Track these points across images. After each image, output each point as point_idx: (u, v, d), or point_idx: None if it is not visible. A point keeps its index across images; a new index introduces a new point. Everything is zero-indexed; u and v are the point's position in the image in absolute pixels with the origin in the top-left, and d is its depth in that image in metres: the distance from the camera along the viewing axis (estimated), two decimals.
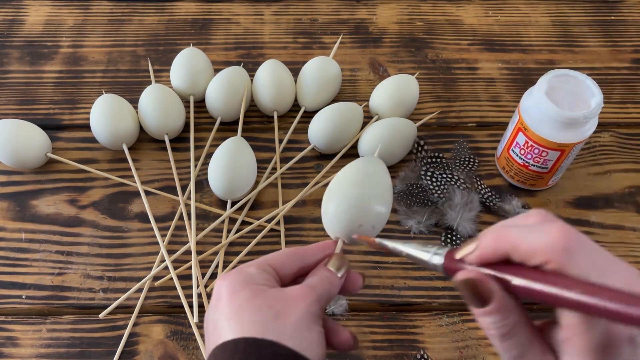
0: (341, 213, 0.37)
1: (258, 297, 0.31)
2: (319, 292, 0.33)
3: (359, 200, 0.37)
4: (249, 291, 0.31)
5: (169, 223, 0.54)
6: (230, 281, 0.32)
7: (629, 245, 0.54)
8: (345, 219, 0.37)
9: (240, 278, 0.32)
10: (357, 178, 0.38)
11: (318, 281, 0.34)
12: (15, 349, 0.48)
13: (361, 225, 0.37)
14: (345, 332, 0.35)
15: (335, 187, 0.38)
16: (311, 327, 0.31)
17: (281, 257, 0.35)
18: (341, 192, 0.37)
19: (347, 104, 0.58)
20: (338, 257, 0.36)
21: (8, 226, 0.54)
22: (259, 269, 0.33)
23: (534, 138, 0.51)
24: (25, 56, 0.67)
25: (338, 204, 0.37)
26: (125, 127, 0.57)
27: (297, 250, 0.36)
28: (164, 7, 0.73)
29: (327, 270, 0.35)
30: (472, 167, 0.58)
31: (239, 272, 0.33)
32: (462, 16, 0.73)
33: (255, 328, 0.30)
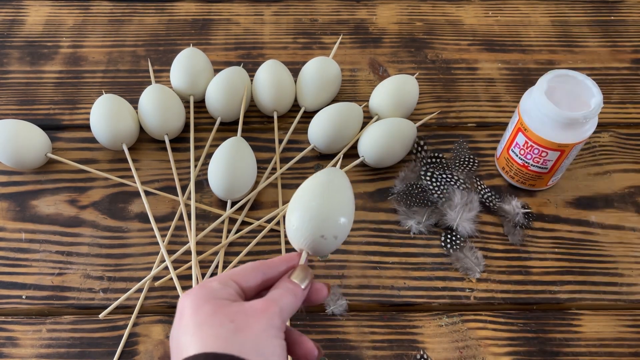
0: (303, 224, 0.37)
1: (220, 311, 0.31)
2: (281, 305, 0.33)
3: (321, 211, 0.37)
4: (211, 306, 0.32)
5: (169, 223, 0.54)
6: (193, 297, 0.32)
7: (629, 245, 0.54)
8: (308, 230, 0.37)
9: (203, 293, 0.33)
10: (318, 190, 0.38)
11: (280, 294, 0.34)
12: (15, 349, 0.48)
13: (323, 235, 0.37)
14: (309, 343, 0.35)
15: (297, 198, 0.38)
16: (272, 340, 0.32)
17: (244, 271, 0.35)
18: (303, 203, 0.38)
19: (347, 104, 0.58)
20: (302, 269, 0.36)
21: (8, 226, 0.54)
22: (222, 283, 0.34)
23: (534, 138, 0.51)
24: (25, 56, 0.67)
25: (300, 215, 0.37)
26: (126, 127, 0.57)
27: (260, 263, 0.36)
28: (164, 7, 0.73)
29: (290, 282, 0.35)
30: (472, 168, 0.58)
31: (201, 287, 0.33)
32: (462, 16, 0.73)
33: (217, 343, 0.30)
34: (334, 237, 0.37)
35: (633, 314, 0.50)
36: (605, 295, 0.51)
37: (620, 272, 0.52)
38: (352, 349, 0.48)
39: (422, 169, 0.57)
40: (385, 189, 0.57)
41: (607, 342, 0.49)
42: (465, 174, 0.57)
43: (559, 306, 0.51)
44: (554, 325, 0.50)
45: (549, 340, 0.49)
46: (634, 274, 0.52)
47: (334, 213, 0.37)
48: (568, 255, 0.53)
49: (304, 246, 0.37)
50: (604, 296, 0.51)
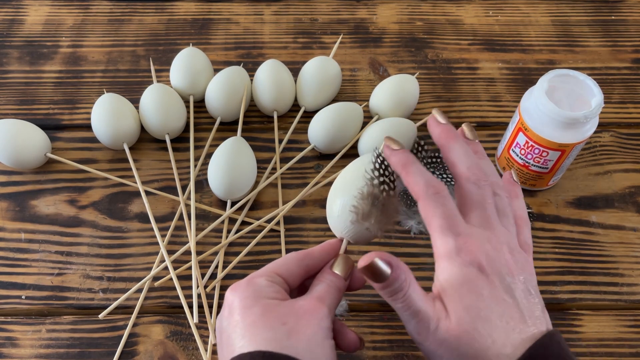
0: (347, 212, 0.36)
1: (270, 313, 0.32)
2: (328, 303, 0.33)
3: None
4: (261, 307, 0.32)
5: (168, 223, 0.54)
6: (242, 294, 0.33)
7: (629, 245, 0.54)
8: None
9: (251, 292, 0.33)
10: (363, 175, 0.37)
11: (326, 290, 0.34)
12: (14, 349, 0.48)
13: (368, 228, 0.36)
14: (352, 334, 0.36)
15: (340, 185, 0.38)
16: (324, 342, 0.32)
17: (288, 264, 0.35)
18: (347, 190, 0.37)
19: (347, 104, 0.58)
20: (343, 259, 0.36)
21: (7, 226, 0.54)
22: (269, 280, 0.34)
23: (535, 138, 0.51)
24: (25, 56, 0.67)
25: (344, 202, 0.37)
26: (127, 127, 0.57)
27: (303, 254, 0.36)
28: (164, 7, 0.73)
29: (333, 274, 0.35)
30: None
31: (249, 284, 0.33)
32: (462, 16, 0.72)
33: (270, 345, 0.30)
34: (378, 229, 0.37)
35: (634, 314, 0.50)
36: (605, 296, 0.51)
37: (621, 272, 0.52)
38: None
39: None
40: None
41: (608, 342, 0.49)
42: None
43: (559, 306, 0.51)
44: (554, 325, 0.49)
45: None
46: (635, 274, 0.52)
47: None
48: (568, 255, 0.53)
49: (345, 235, 0.37)
50: (605, 296, 0.51)
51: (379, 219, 0.36)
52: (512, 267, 0.34)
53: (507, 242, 0.35)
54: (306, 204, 0.56)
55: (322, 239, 0.54)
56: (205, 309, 0.49)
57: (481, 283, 0.32)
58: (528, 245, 0.37)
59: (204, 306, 0.49)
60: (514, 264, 0.34)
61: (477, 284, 0.32)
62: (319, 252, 0.36)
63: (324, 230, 0.55)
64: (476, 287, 0.32)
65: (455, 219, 0.34)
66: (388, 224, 0.37)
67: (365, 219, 0.36)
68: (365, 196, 0.36)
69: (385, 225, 0.37)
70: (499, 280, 0.33)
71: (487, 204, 0.35)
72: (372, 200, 0.36)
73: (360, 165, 0.38)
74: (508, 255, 0.34)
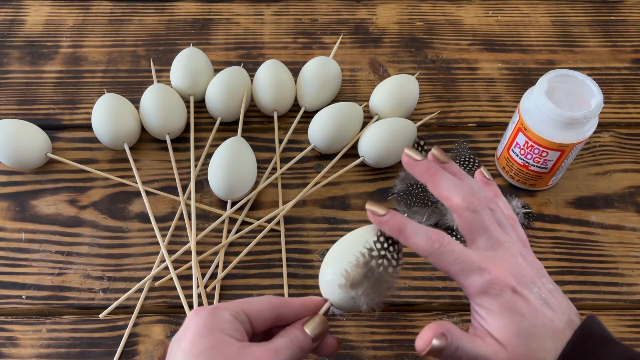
0: (339, 275, 0.35)
1: (219, 349, 0.31)
2: (281, 357, 0.32)
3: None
4: (212, 340, 0.31)
5: (169, 223, 0.54)
6: (200, 321, 0.32)
7: (629, 245, 0.54)
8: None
9: (210, 322, 0.32)
10: (363, 244, 0.36)
11: (286, 345, 0.33)
12: (15, 349, 0.48)
13: (354, 298, 0.35)
14: (329, 338, 0.35)
15: (338, 251, 0.37)
16: None
17: (259, 307, 0.34)
18: (345, 254, 0.36)
19: (347, 104, 0.58)
20: (319, 320, 0.35)
21: (8, 226, 0.54)
22: (233, 315, 0.33)
23: (534, 138, 0.51)
24: (25, 56, 0.67)
25: (338, 270, 0.35)
26: (127, 127, 0.57)
27: (279, 301, 0.35)
28: (164, 7, 0.73)
29: (301, 331, 0.34)
30: (472, 167, 0.58)
31: (212, 313, 0.32)
32: (462, 16, 0.73)
33: None
34: (364, 302, 0.35)
35: (633, 314, 0.50)
36: (605, 295, 0.51)
37: (621, 272, 0.52)
38: (352, 349, 0.48)
39: None
40: (385, 189, 0.57)
41: None
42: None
43: None
44: None
45: None
46: (635, 274, 0.52)
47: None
48: (568, 255, 0.53)
49: (330, 297, 0.36)
50: (605, 296, 0.51)
51: (367, 292, 0.35)
52: (532, 273, 0.36)
53: (517, 251, 0.36)
54: (306, 204, 0.56)
55: (322, 238, 0.54)
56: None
57: (519, 304, 0.34)
58: (524, 241, 0.39)
59: (204, 306, 0.49)
60: (531, 270, 0.36)
61: (515, 307, 0.34)
62: (297, 305, 0.35)
63: (324, 230, 0.55)
64: (516, 310, 0.34)
65: (469, 259, 0.34)
66: (376, 300, 0.35)
67: (353, 288, 0.35)
68: (360, 265, 0.35)
69: (373, 300, 0.35)
70: (529, 293, 0.34)
71: (490, 226, 0.36)
72: (366, 272, 0.35)
73: (365, 232, 0.37)
74: (524, 264, 0.36)
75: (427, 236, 0.34)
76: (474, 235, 0.36)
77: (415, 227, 0.35)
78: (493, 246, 0.36)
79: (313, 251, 0.53)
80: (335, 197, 0.57)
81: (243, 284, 0.51)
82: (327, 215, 0.55)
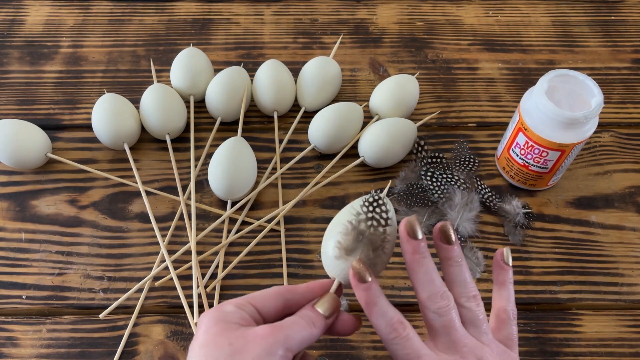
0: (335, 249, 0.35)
1: (223, 334, 0.32)
2: (288, 332, 0.32)
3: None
4: (219, 328, 0.32)
5: (169, 223, 0.54)
6: (207, 318, 0.33)
7: (629, 245, 0.54)
8: (346, 261, 0.35)
9: (216, 315, 0.33)
10: (350, 212, 0.36)
11: (293, 321, 0.33)
12: (15, 349, 0.48)
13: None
14: (346, 315, 0.35)
15: (336, 226, 0.37)
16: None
17: (264, 295, 0.34)
18: (337, 231, 0.36)
19: (347, 104, 0.58)
20: (329, 298, 0.35)
21: (8, 226, 0.54)
22: (237, 306, 0.33)
23: (534, 138, 0.51)
24: (25, 56, 0.67)
25: (334, 242, 0.35)
26: (127, 127, 0.57)
27: (284, 288, 0.35)
28: (164, 7, 0.73)
29: (311, 310, 0.34)
30: (472, 167, 0.58)
31: (217, 309, 0.33)
32: (462, 16, 0.73)
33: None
34: (374, 272, 0.35)
35: (633, 314, 0.50)
36: (605, 295, 0.51)
37: (621, 272, 0.52)
38: (352, 349, 0.48)
39: (422, 169, 0.57)
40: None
41: (608, 342, 0.49)
42: (466, 174, 0.57)
43: (559, 306, 0.51)
44: (554, 325, 0.50)
45: (549, 340, 0.49)
46: (635, 274, 0.52)
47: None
48: (568, 255, 0.53)
49: (338, 276, 0.36)
50: (605, 296, 0.51)
51: (364, 256, 0.34)
52: None
53: (479, 357, 0.34)
54: (306, 204, 0.56)
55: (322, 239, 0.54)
56: (205, 308, 0.49)
57: None
58: (511, 341, 0.36)
59: (205, 306, 0.49)
60: None
61: None
62: (304, 289, 0.35)
63: (324, 230, 0.54)
64: None
65: (418, 358, 0.33)
66: (376, 264, 0.35)
67: (349, 254, 0.34)
68: (349, 231, 0.34)
69: (373, 261, 0.35)
70: None
71: (451, 329, 0.35)
72: (356, 235, 0.34)
73: (351, 204, 0.37)
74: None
75: (389, 323, 0.34)
76: (434, 335, 0.35)
77: (383, 309, 0.34)
78: (451, 349, 0.34)
79: (313, 251, 0.53)
80: (335, 197, 0.57)
81: (243, 284, 0.51)
82: (327, 215, 0.55)
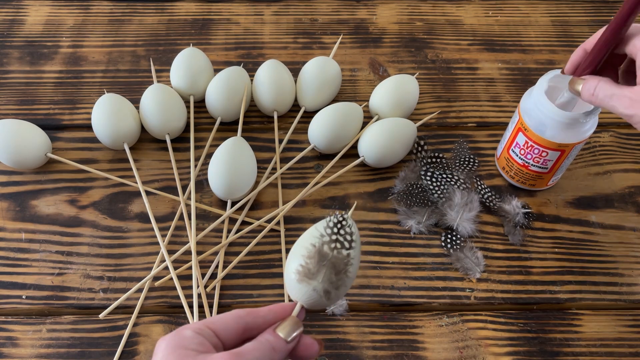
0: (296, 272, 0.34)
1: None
2: (247, 358, 0.31)
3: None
4: (175, 355, 0.31)
5: (169, 223, 0.54)
6: (164, 344, 0.32)
7: (629, 245, 0.54)
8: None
9: (173, 342, 0.32)
10: (312, 234, 0.35)
11: (253, 347, 0.32)
12: (15, 349, 0.48)
13: (315, 289, 0.34)
14: (307, 339, 0.34)
15: (293, 250, 0.36)
16: None
17: (224, 319, 0.34)
18: (299, 254, 0.35)
19: (347, 104, 0.58)
20: (291, 321, 0.34)
21: (8, 226, 0.54)
22: (195, 332, 0.33)
23: (534, 138, 0.51)
24: (25, 56, 0.67)
25: (296, 267, 0.34)
26: (127, 127, 0.57)
27: (245, 312, 0.34)
28: (164, 7, 0.73)
29: (272, 334, 0.33)
30: (472, 167, 0.58)
31: (174, 334, 0.33)
32: (462, 16, 0.73)
33: None
34: (325, 292, 0.34)
35: (633, 314, 0.50)
36: (605, 295, 0.51)
37: (621, 272, 0.52)
38: (352, 349, 0.48)
39: (422, 169, 0.57)
40: (385, 189, 0.57)
41: (608, 342, 0.49)
42: (466, 174, 0.57)
43: (559, 306, 0.51)
44: (554, 325, 0.50)
45: (549, 340, 0.49)
46: (634, 274, 0.52)
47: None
48: (568, 255, 0.53)
49: (300, 299, 0.35)
50: (604, 296, 0.51)
51: (326, 280, 0.33)
52: None
53: None
54: (306, 204, 0.56)
55: None
56: (205, 308, 0.49)
57: None
58: None
59: (204, 306, 0.49)
60: None
61: None
62: (265, 312, 0.34)
63: None
64: None
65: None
66: (339, 289, 0.34)
67: (310, 278, 0.33)
68: (312, 255, 0.33)
69: (335, 289, 0.34)
70: None
71: None
72: (319, 259, 0.33)
73: (315, 226, 0.36)
74: None
75: None
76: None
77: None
78: None
79: None
80: (335, 197, 0.57)
81: (243, 284, 0.51)
82: (327, 215, 0.55)
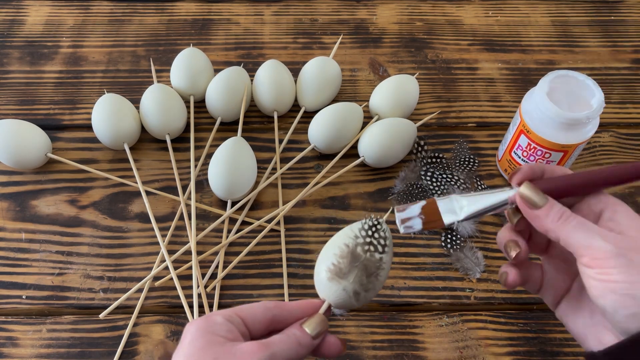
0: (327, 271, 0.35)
1: (209, 349, 0.31)
2: (274, 350, 0.32)
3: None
4: (204, 341, 0.32)
5: (169, 223, 0.54)
6: (194, 328, 0.32)
7: None
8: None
9: (203, 326, 0.32)
10: (347, 235, 0.36)
11: (280, 339, 0.33)
12: (15, 349, 0.48)
13: (345, 289, 0.35)
14: (332, 338, 0.35)
15: (327, 248, 0.36)
16: None
17: (253, 309, 0.34)
18: (332, 253, 0.35)
19: (347, 104, 0.58)
20: (317, 318, 0.34)
21: (8, 226, 0.54)
22: (225, 318, 0.33)
23: (537, 140, 0.51)
24: (25, 56, 0.67)
25: (328, 266, 0.35)
26: (127, 127, 0.57)
27: (273, 304, 0.35)
28: (164, 7, 0.73)
29: (298, 329, 0.34)
30: (472, 168, 0.58)
31: (205, 319, 0.33)
32: (462, 16, 0.73)
33: None
34: (356, 292, 0.35)
35: None
36: None
37: None
38: (352, 349, 0.48)
39: (422, 169, 0.57)
40: (385, 189, 0.57)
41: None
42: (466, 174, 0.57)
43: None
44: (554, 325, 0.50)
45: (549, 340, 0.49)
46: None
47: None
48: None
49: (329, 298, 0.35)
50: None
51: (357, 281, 0.34)
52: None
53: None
54: (306, 204, 0.56)
55: (322, 238, 0.54)
56: (205, 308, 0.49)
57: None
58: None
59: (205, 306, 0.49)
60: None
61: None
62: (293, 307, 0.35)
63: (324, 230, 0.55)
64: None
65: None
66: (369, 290, 0.35)
67: (341, 278, 0.34)
68: (345, 254, 0.34)
69: (365, 290, 0.35)
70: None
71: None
72: (352, 259, 0.34)
73: (350, 227, 0.37)
74: None
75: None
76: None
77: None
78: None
79: (313, 251, 0.53)
80: (335, 197, 0.57)
81: (243, 284, 0.51)
82: (327, 216, 0.55)
